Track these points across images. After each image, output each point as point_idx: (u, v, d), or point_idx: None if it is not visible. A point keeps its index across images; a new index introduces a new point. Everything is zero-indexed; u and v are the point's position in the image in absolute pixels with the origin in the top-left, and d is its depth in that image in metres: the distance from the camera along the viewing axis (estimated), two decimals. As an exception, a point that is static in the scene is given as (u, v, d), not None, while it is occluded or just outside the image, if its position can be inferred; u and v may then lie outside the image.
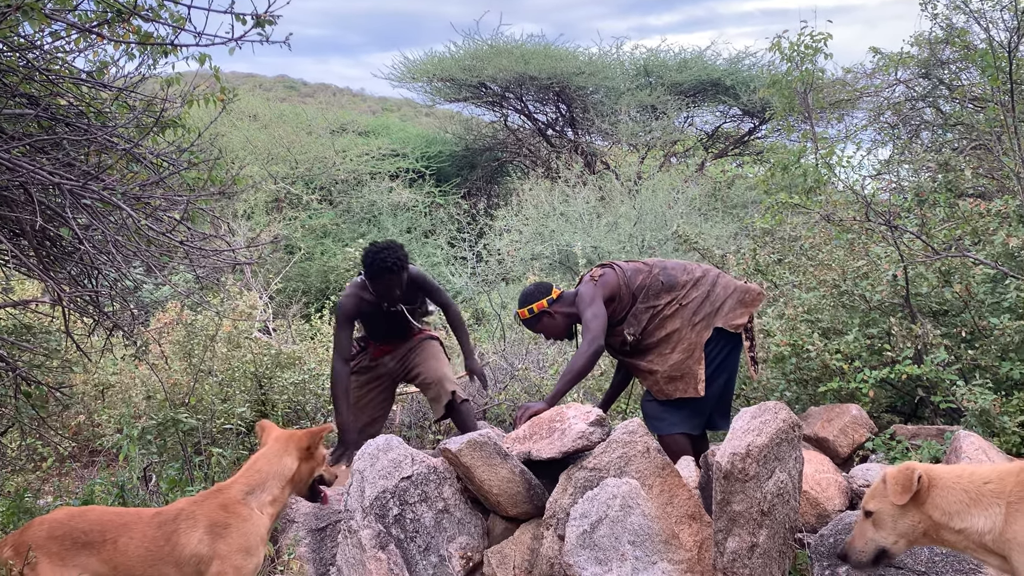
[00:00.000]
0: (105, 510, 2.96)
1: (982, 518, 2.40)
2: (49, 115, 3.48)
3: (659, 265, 4.39)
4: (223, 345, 5.83)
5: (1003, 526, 2.37)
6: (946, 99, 8.34)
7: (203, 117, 5.02)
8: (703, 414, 4.29)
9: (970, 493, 2.43)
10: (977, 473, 2.49)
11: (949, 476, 2.49)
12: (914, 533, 2.51)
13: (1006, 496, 2.39)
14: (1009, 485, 2.40)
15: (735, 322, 4.21)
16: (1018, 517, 2.34)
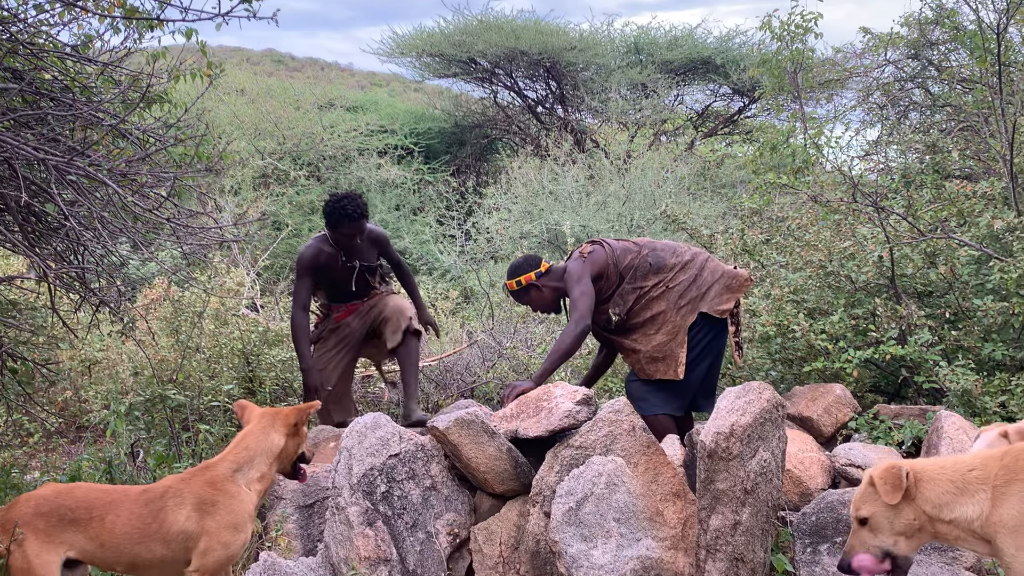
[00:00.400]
0: (92, 487, 2.96)
1: (970, 506, 2.41)
2: (33, 89, 3.44)
3: (648, 246, 4.39)
4: (210, 322, 5.82)
5: (989, 511, 2.39)
6: (935, 80, 8.35)
7: (189, 92, 4.98)
8: (686, 396, 4.32)
9: (956, 483, 2.45)
10: (961, 462, 2.51)
11: (934, 468, 2.50)
12: (911, 530, 2.51)
13: (991, 481, 2.41)
14: (993, 470, 2.42)
15: (720, 307, 4.21)
16: (1004, 501, 2.36)
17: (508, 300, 8.24)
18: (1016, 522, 2.31)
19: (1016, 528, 2.31)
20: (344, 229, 4.64)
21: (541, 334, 6.73)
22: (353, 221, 4.62)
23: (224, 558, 2.85)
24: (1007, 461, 2.42)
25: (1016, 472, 2.37)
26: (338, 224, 4.64)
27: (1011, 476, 2.37)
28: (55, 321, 4.33)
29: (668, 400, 4.27)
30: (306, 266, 4.77)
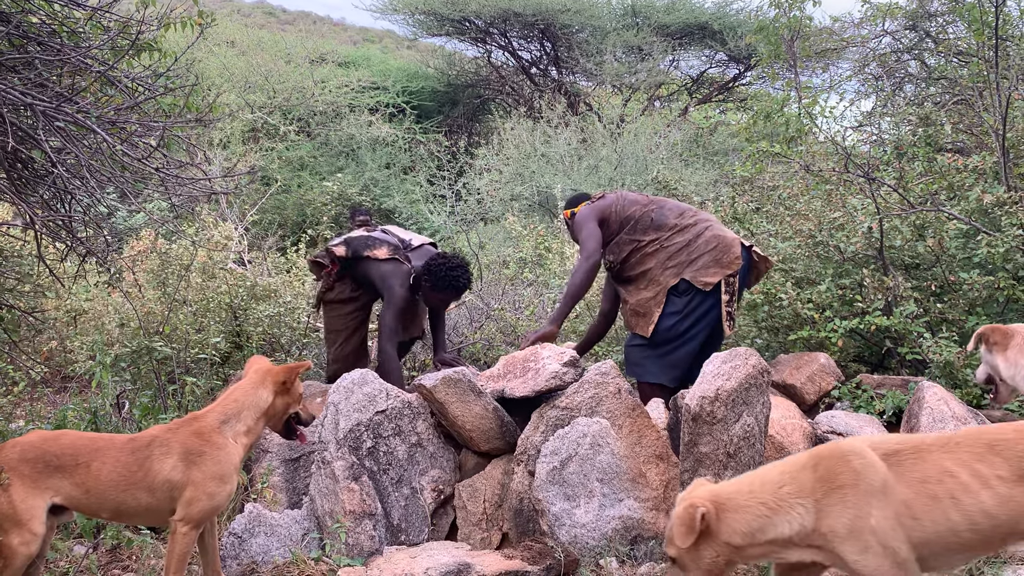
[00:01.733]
0: (79, 435, 2.97)
1: (786, 524, 2.33)
2: (20, 33, 3.37)
3: (658, 203, 4.43)
4: (198, 275, 5.79)
5: (815, 523, 2.32)
6: (931, 52, 8.32)
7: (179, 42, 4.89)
8: (681, 367, 4.29)
9: (768, 505, 2.36)
10: (769, 480, 2.41)
11: (741, 494, 2.40)
12: (719, 565, 2.42)
13: (809, 494, 2.33)
14: (808, 482, 2.35)
15: (703, 279, 4.18)
16: (831, 511, 2.30)
17: (497, 262, 8.24)
18: (848, 529, 2.27)
19: (850, 535, 2.26)
20: (445, 296, 4.65)
21: (529, 296, 6.74)
22: (458, 294, 4.69)
23: (209, 508, 2.87)
24: (821, 473, 2.34)
25: (832, 480, 2.31)
26: (443, 291, 4.58)
27: (829, 486, 2.31)
28: (41, 270, 4.30)
29: (664, 370, 4.27)
30: (404, 306, 4.69)
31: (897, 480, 2.27)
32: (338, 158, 13.21)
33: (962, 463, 2.26)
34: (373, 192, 12.39)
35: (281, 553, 3.33)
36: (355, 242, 4.91)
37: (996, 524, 2.21)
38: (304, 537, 3.43)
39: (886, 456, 2.32)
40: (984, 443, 2.28)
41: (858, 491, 2.26)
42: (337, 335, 5.01)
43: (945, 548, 2.27)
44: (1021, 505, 2.21)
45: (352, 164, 12.97)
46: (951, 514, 2.22)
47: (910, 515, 2.24)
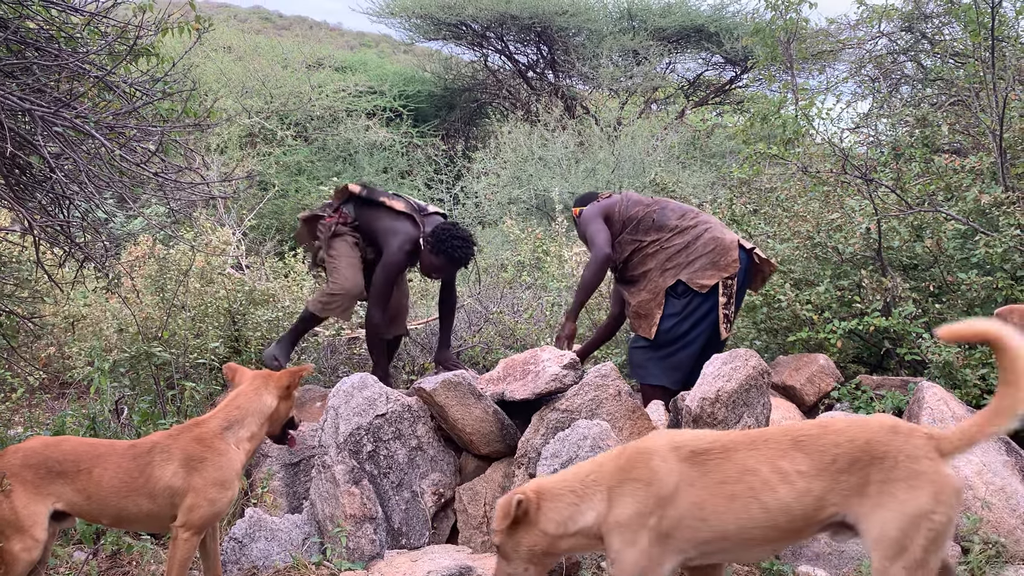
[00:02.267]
0: (80, 440, 2.96)
1: (590, 512, 2.36)
2: (18, 38, 3.37)
3: (660, 204, 4.46)
4: (196, 280, 5.79)
5: (607, 512, 2.34)
6: (927, 54, 8.34)
7: (176, 47, 4.90)
8: (683, 369, 4.29)
9: (577, 492, 2.39)
10: (582, 470, 2.45)
11: (557, 484, 2.43)
12: (537, 555, 2.45)
13: (606, 482, 2.36)
14: (608, 471, 2.38)
15: (699, 281, 4.20)
16: (618, 501, 2.32)
17: (495, 266, 8.24)
18: (626, 520, 2.29)
19: (625, 525, 2.28)
20: (438, 263, 4.55)
21: (527, 299, 6.74)
22: (452, 265, 4.58)
23: (210, 514, 2.86)
24: (621, 462, 2.38)
25: (628, 472, 2.34)
26: (439, 255, 4.51)
27: (624, 476, 2.34)
28: (40, 275, 4.29)
29: (666, 372, 4.28)
30: (398, 271, 4.64)
31: (697, 481, 2.30)
32: (335, 162, 13.20)
33: (766, 460, 2.29)
34: (371, 196, 12.37)
35: (282, 558, 3.33)
36: (374, 187, 4.80)
37: (793, 518, 2.25)
38: (305, 541, 3.43)
39: (695, 454, 2.34)
40: (789, 439, 2.32)
41: (649, 489, 2.29)
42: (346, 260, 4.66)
43: (744, 543, 2.31)
44: (818, 498, 2.24)
45: (350, 168, 12.97)
46: (751, 511, 2.25)
47: (700, 517, 2.27)
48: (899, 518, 2.14)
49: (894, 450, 2.19)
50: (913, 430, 2.26)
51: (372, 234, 4.70)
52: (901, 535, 2.13)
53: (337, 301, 4.59)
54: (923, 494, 2.14)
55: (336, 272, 4.62)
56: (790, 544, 2.41)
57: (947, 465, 2.20)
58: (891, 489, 2.16)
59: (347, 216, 4.72)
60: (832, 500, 2.22)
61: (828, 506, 2.23)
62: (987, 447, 3.53)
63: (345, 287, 4.58)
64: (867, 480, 2.19)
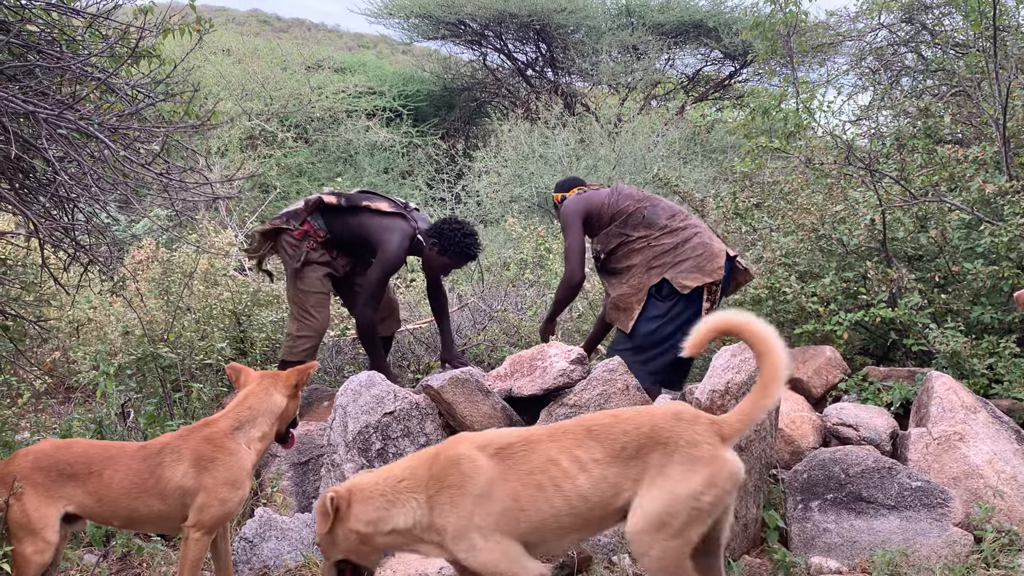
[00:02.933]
0: (90, 443, 2.96)
1: (402, 516, 2.44)
2: (21, 42, 3.37)
3: (651, 201, 4.46)
4: (200, 282, 5.79)
5: (430, 518, 2.42)
6: (928, 45, 8.32)
7: (176, 50, 4.89)
8: (663, 372, 4.29)
9: (388, 496, 2.46)
10: (393, 473, 2.52)
11: (370, 485, 2.51)
12: (352, 548, 2.54)
13: (423, 490, 2.44)
14: (422, 478, 2.45)
15: (683, 281, 4.21)
16: (440, 510, 2.40)
17: (498, 264, 8.24)
18: (455, 528, 2.36)
19: (458, 533, 2.36)
20: (451, 262, 4.52)
21: (532, 297, 6.74)
22: (465, 261, 4.57)
23: (221, 514, 2.86)
24: (435, 470, 2.45)
25: (443, 480, 2.41)
26: (453, 256, 4.46)
27: (440, 484, 2.41)
28: (45, 279, 4.29)
29: (646, 376, 4.23)
30: (397, 267, 4.58)
31: (507, 474, 2.38)
32: (336, 164, 13.20)
33: (564, 450, 2.38)
34: (372, 197, 12.37)
35: (293, 557, 3.33)
36: (350, 194, 4.64)
37: (591, 505, 2.34)
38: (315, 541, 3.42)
39: (501, 451, 2.43)
40: (584, 429, 2.42)
41: (464, 492, 2.36)
42: (316, 297, 4.59)
43: (553, 533, 2.39)
44: (612, 485, 2.34)
45: (350, 169, 12.97)
46: (554, 500, 2.34)
47: (518, 507, 2.35)
48: (668, 497, 2.26)
49: (676, 436, 2.32)
50: (697, 416, 2.38)
51: (356, 239, 4.57)
52: (664, 512, 2.25)
53: (307, 343, 4.56)
54: (697, 477, 2.27)
55: (304, 310, 4.57)
56: (596, 533, 2.52)
57: (728, 449, 2.34)
58: (668, 471, 2.29)
59: (318, 231, 4.58)
60: (625, 486, 2.33)
61: (622, 491, 2.33)
62: (998, 435, 3.53)
63: (316, 327, 4.58)
64: (651, 464, 2.32)
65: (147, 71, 3.95)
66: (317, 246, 4.58)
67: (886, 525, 3.18)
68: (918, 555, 3.10)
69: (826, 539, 3.23)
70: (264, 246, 4.79)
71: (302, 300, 4.58)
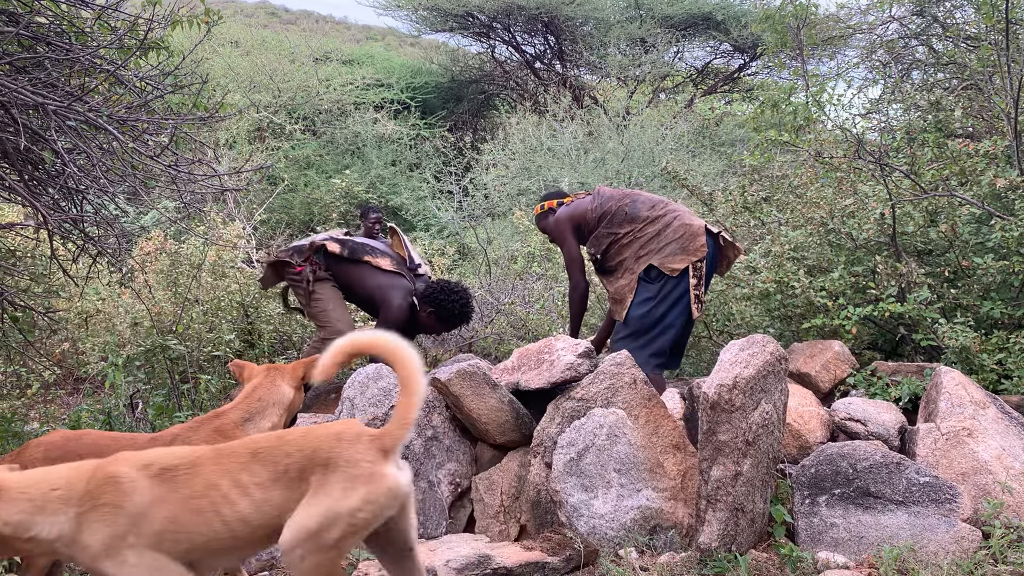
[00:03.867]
0: (101, 434, 2.96)
1: (48, 526, 2.33)
2: (30, 34, 3.38)
3: (632, 197, 4.63)
4: (208, 274, 5.80)
5: (77, 534, 2.33)
6: (939, 37, 8.26)
7: (184, 42, 4.90)
8: (665, 355, 4.50)
9: (36, 501, 2.35)
10: (49, 478, 2.42)
11: (18, 485, 2.39)
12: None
13: (76, 505, 2.34)
14: (77, 494, 2.36)
15: (670, 265, 4.37)
16: (89, 527, 2.32)
17: (505, 257, 8.23)
18: (104, 547, 2.30)
19: (107, 552, 2.30)
20: (448, 327, 4.79)
21: (539, 290, 6.73)
22: (462, 324, 4.78)
23: (229, 505, 2.86)
24: (92, 486, 2.36)
25: (98, 498, 2.34)
26: (451, 322, 4.75)
27: (94, 502, 2.34)
28: (55, 270, 4.30)
29: (649, 360, 4.40)
30: (401, 325, 4.70)
31: (167, 496, 2.34)
32: (344, 156, 13.21)
33: (228, 474, 2.36)
34: (380, 189, 12.38)
35: (300, 548, 3.33)
36: (354, 244, 4.88)
37: (254, 528, 2.34)
38: (323, 532, 3.43)
39: (164, 472, 2.38)
40: (249, 452, 2.40)
41: (120, 512, 2.32)
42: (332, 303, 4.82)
43: (216, 553, 2.37)
44: (276, 506, 2.33)
45: (358, 162, 12.97)
46: (214, 524, 2.32)
47: (176, 529, 2.32)
48: (323, 513, 2.26)
49: (336, 456, 2.33)
50: (359, 435, 2.38)
51: (355, 289, 4.82)
52: (318, 528, 2.25)
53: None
54: (354, 496, 2.29)
55: (326, 316, 4.78)
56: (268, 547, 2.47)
57: (389, 464, 2.35)
58: (328, 490, 2.30)
59: (320, 265, 4.85)
60: (290, 507, 2.33)
61: (286, 512, 2.33)
62: (1007, 431, 3.51)
63: (340, 330, 4.71)
64: (312, 484, 2.33)
65: (156, 63, 3.96)
66: (320, 272, 4.88)
67: (894, 520, 3.18)
68: (926, 551, 3.09)
69: (833, 534, 3.22)
70: (272, 278, 5.08)
71: (320, 308, 4.84)
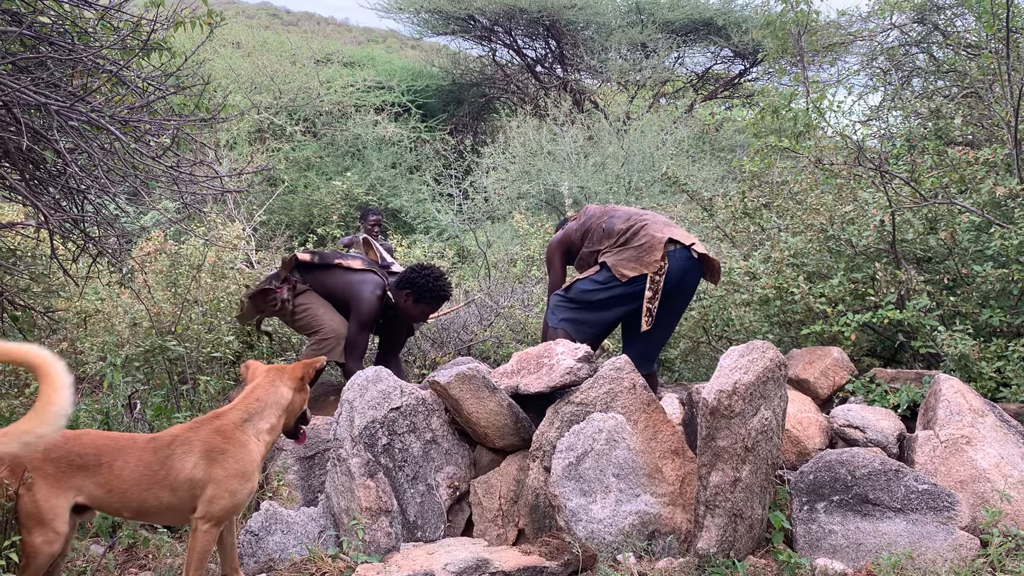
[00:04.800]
0: (100, 434, 2.96)
1: None
2: (33, 33, 3.38)
3: (610, 213, 4.66)
4: (208, 275, 5.79)
5: None
6: (940, 45, 8.28)
7: (186, 43, 4.90)
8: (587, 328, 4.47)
9: None
10: None
11: None
12: None
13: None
14: None
15: (620, 269, 4.38)
16: None
17: (504, 259, 8.23)
18: None
19: None
20: (427, 308, 4.73)
21: (539, 294, 6.73)
22: (439, 304, 4.75)
23: (230, 506, 2.86)
24: None
25: None
26: (428, 302, 4.69)
27: None
28: (55, 270, 4.30)
29: (568, 322, 4.45)
30: (373, 318, 4.71)
31: None
32: (344, 158, 13.22)
33: None
34: (380, 192, 12.40)
35: (298, 550, 3.33)
36: (324, 252, 4.97)
37: None
38: (321, 534, 3.43)
39: None
40: None
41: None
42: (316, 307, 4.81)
43: None
44: None
45: (358, 164, 12.98)
46: None
47: None
48: None
49: None
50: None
51: (332, 293, 4.82)
52: None
53: (330, 343, 4.69)
54: None
55: (317, 319, 4.77)
56: None
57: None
58: None
59: (297, 280, 4.88)
60: None
61: None
62: (1006, 439, 3.52)
63: (334, 328, 4.71)
64: None
65: (158, 64, 3.96)
66: (298, 284, 4.89)
67: (892, 528, 3.18)
68: (924, 558, 3.09)
69: (832, 541, 3.23)
70: (252, 312, 5.10)
71: (310, 315, 4.82)
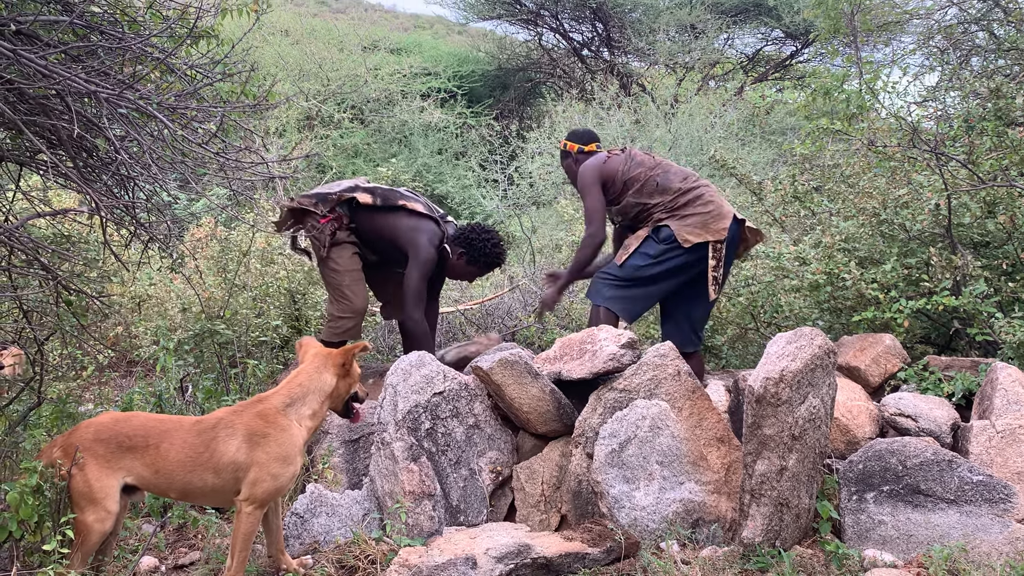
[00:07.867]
0: (148, 416, 3.03)
1: None
2: (84, 22, 3.44)
3: (663, 167, 4.43)
4: (256, 261, 5.88)
5: None
6: (1001, 23, 7.99)
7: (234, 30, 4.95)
8: (635, 307, 4.31)
9: None
10: None
11: None
12: None
13: None
14: None
15: (685, 235, 4.19)
16: None
17: (549, 246, 8.20)
18: None
19: None
20: (479, 271, 4.64)
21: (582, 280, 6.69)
22: (491, 269, 4.65)
23: (273, 489, 2.91)
24: None
25: None
26: (482, 265, 4.60)
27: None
28: (107, 256, 4.40)
29: (616, 300, 4.27)
30: (432, 268, 4.51)
31: None
32: (391, 144, 13.29)
33: None
34: (426, 178, 12.45)
35: (342, 533, 3.37)
36: (385, 191, 4.62)
37: None
38: (364, 517, 3.47)
39: None
40: None
41: None
42: (350, 276, 4.55)
43: None
44: None
45: (405, 150, 13.04)
46: None
47: None
48: None
49: None
50: None
51: (384, 236, 4.56)
52: None
53: (347, 323, 4.53)
54: None
55: (341, 291, 4.54)
56: None
57: None
58: None
59: (344, 217, 4.58)
60: None
61: None
62: None
63: (354, 307, 4.52)
64: None
65: (205, 51, 4.01)
66: (343, 226, 4.60)
67: (945, 519, 3.10)
68: (978, 551, 3.00)
69: (881, 532, 3.16)
70: (288, 221, 4.80)
71: (336, 281, 4.57)
